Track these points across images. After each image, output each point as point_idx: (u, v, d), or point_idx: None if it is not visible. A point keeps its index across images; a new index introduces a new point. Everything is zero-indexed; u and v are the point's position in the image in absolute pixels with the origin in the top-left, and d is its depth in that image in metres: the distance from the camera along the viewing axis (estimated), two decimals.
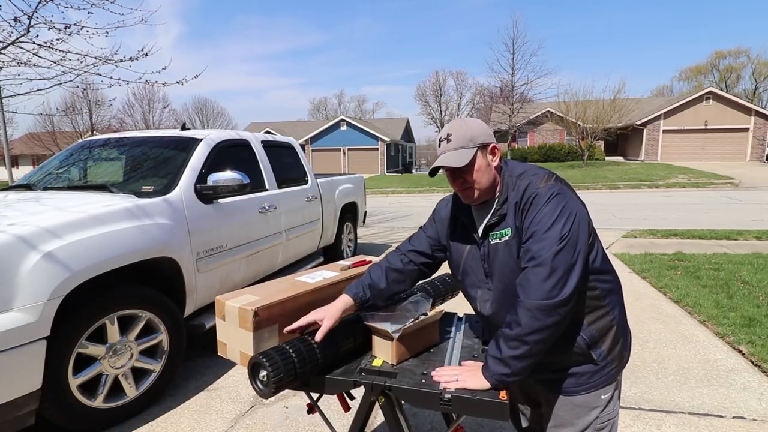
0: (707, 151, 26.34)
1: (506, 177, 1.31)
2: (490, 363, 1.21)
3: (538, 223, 1.19)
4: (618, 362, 1.32)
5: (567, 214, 1.18)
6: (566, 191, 1.24)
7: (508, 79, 27.10)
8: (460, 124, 1.31)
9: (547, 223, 1.17)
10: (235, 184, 3.10)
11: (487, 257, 1.33)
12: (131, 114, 36.58)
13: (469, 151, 1.26)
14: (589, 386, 1.29)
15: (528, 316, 1.15)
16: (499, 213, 1.29)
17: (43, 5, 4.44)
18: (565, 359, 1.29)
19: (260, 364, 1.25)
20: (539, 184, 1.24)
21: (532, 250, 1.18)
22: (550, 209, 1.19)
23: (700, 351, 3.13)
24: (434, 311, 1.54)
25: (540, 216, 1.19)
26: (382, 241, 7.67)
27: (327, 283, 1.67)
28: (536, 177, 1.27)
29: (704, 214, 9.53)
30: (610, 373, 1.30)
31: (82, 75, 4.93)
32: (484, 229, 1.33)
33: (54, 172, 3.51)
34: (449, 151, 1.28)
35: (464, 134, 1.28)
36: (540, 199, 1.21)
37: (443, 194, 17.01)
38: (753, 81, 45.04)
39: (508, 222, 1.27)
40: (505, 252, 1.27)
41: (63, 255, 2.10)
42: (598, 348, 1.28)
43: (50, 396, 2.10)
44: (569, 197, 1.22)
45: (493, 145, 1.31)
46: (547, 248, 1.15)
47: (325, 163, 34.29)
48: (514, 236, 1.25)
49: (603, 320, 1.28)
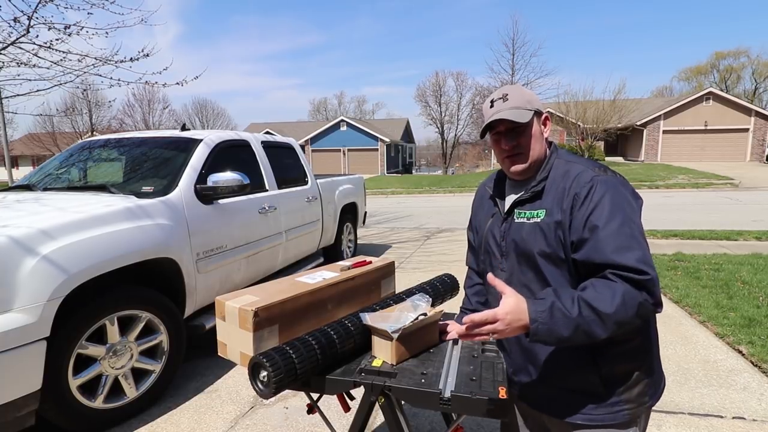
0: (707, 151, 26.33)
1: (554, 156, 1.23)
2: (556, 310, 1.00)
3: (608, 214, 1.06)
4: (635, 406, 1.13)
5: (632, 206, 1.09)
6: (625, 182, 1.14)
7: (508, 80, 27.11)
8: (515, 88, 1.23)
9: (618, 213, 1.06)
10: (235, 184, 3.10)
11: (507, 234, 1.24)
12: (131, 115, 36.62)
13: (527, 112, 1.18)
14: (589, 419, 1.14)
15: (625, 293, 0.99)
16: (533, 190, 1.19)
17: (43, 6, 4.45)
18: (571, 379, 1.16)
19: (260, 364, 1.25)
20: (597, 173, 1.13)
21: (610, 244, 1.03)
22: (617, 199, 1.08)
23: (700, 351, 3.13)
24: (434, 311, 1.54)
25: (606, 206, 1.07)
26: (382, 242, 7.67)
27: (327, 283, 1.67)
28: (589, 166, 1.16)
29: (704, 214, 9.53)
30: (621, 414, 1.12)
31: (82, 75, 4.94)
32: (512, 204, 1.24)
33: (54, 173, 3.51)
34: (505, 109, 1.18)
35: (522, 96, 1.20)
36: (601, 187, 1.09)
37: (443, 194, 17.02)
38: (753, 81, 45.08)
39: (545, 203, 1.16)
40: (531, 234, 1.17)
41: (63, 256, 2.10)
42: (612, 384, 1.12)
43: (50, 396, 2.10)
44: (628, 189, 1.13)
45: (546, 116, 1.24)
46: (628, 236, 1.03)
47: (325, 163, 34.29)
48: (551, 221, 1.13)
49: (631, 354, 1.13)
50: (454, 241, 7.49)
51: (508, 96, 1.20)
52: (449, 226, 9.04)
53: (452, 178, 23.24)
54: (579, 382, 1.15)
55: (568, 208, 1.11)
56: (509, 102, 1.19)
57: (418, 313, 1.47)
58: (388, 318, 1.45)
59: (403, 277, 5.04)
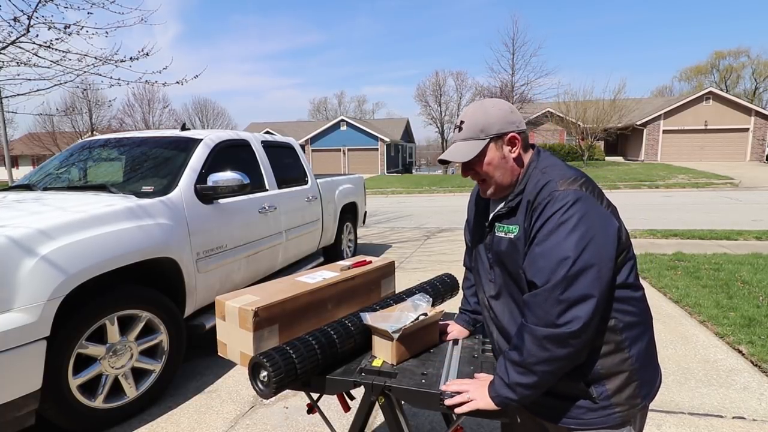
0: (707, 151, 26.34)
1: (532, 167, 1.18)
2: (497, 383, 1.13)
3: (549, 234, 1.04)
4: (627, 408, 1.12)
5: (586, 228, 1.02)
6: (590, 200, 1.06)
7: (507, 80, 27.04)
8: (475, 110, 1.20)
9: (560, 236, 1.02)
10: (235, 184, 3.10)
11: (491, 247, 1.25)
12: (131, 114, 36.57)
13: (478, 143, 1.16)
14: (582, 423, 1.13)
15: (534, 343, 1.04)
16: (509, 205, 1.18)
17: (43, 5, 4.45)
18: (559, 386, 1.14)
19: (261, 364, 1.25)
20: (559, 186, 1.08)
21: (538, 265, 1.05)
22: (564, 218, 1.03)
23: (700, 351, 3.13)
24: (434, 311, 1.54)
25: (551, 225, 1.04)
26: (382, 242, 7.67)
27: (327, 283, 1.67)
28: (559, 176, 1.11)
29: (704, 214, 9.53)
30: (612, 416, 1.12)
31: (82, 75, 4.93)
32: (493, 218, 1.24)
33: (54, 173, 3.51)
34: (459, 141, 1.19)
35: (476, 123, 1.17)
36: (555, 204, 1.05)
37: (443, 195, 17.02)
38: (753, 81, 45.09)
39: (518, 219, 1.15)
40: (509, 249, 1.17)
41: (63, 255, 2.10)
42: (600, 386, 1.11)
43: (50, 396, 2.10)
44: (591, 207, 1.05)
45: (511, 135, 1.17)
46: (558, 268, 1.01)
47: (325, 163, 34.29)
48: (520, 237, 1.14)
49: (614, 357, 1.11)
50: (454, 241, 7.49)
51: (463, 125, 1.19)
52: (449, 226, 9.04)
53: (452, 178, 23.23)
54: (567, 389, 1.14)
55: (529, 222, 1.12)
56: (462, 133, 1.19)
57: (418, 313, 1.47)
58: (389, 318, 1.45)
59: (403, 277, 5.04)
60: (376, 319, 1.44)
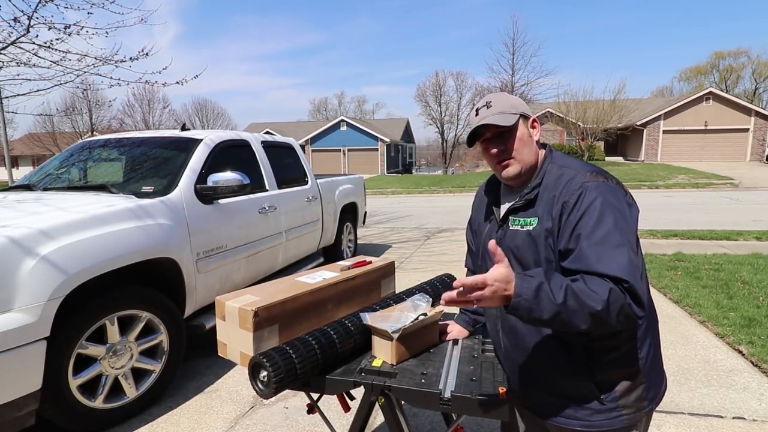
0: (707, 151, 26.33)
1: (548, 162, 1.20)
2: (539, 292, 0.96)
3: (597, 226, 1.03)
4: (634, 411, 1.13)
5: (622, 216, 1.06)
6: (618, 190, 1.11)
7: (508, 80, 27.12)
8: (500, 93, 1.23)
9: (604, 222, 1.03)
10: (235, 184, 3.11)
11: (502, 242, 1.21)
12: (131, 114, 36.62)
13: (512, 116, 1.17)
14: (588, 425, 1.13)
15: (603, 289, 0.96)
16: (526, 197, 1.17)
17: (43, 5, 4.45)
18: (566, 385, 1.15)
19: (261, 364, 1.25)
20: (588, 179, 1.10)
21: (586, 249, 1.03)
22: (604, 208, 1.05)
23: (700, 351, 3.13)
24: (434, 311, 1.54)
25: (594, 215, 1.04)
26: (382, 242, 7.67)
27: (327, 283, 1.67)
28: (583, 170, 1.14)
29: (704, 214, 9.53)
30: (619, 419, 1.12)
31: (82, 75, 4.94)
32: (507, 211, 1.23)
33: (54, 173, 3.51)
34: (490, 115, 1.18)
35: (506, 101, 1.20)
36: (589, 194, 1.07)
37: (443, 195, 17.02)
38: (753, 81, 45.07)
39: (537, 211, 1.15)
40: (525, 242, 1.15)
41: (63, 255, 2.10)
42: (608, 391, 1.12)
43: (50, 396, 2.10)
44: (621, 197, 1.10)
45: (534, 119, 1.23)
46: (617, 255, 1.00)
47: (325, 163, 34.30)
48: (541, 229, 1.12)
49: (626, 360, 1.12)
50: (454, 241, 7.49)
51: (491, 103, 1.20)
52: (449, 226, 9.04)
53: (452, 178, 23.25)
54: (575, 390, 1.14)
55: (557, 215, 1.10)
56: (493, 108, 1.19)
57: (418, 313, 1.47)
58: (389, 318, 1.45)
59: (403, 277, 5.04)
60: (376, 319, 1.44)
